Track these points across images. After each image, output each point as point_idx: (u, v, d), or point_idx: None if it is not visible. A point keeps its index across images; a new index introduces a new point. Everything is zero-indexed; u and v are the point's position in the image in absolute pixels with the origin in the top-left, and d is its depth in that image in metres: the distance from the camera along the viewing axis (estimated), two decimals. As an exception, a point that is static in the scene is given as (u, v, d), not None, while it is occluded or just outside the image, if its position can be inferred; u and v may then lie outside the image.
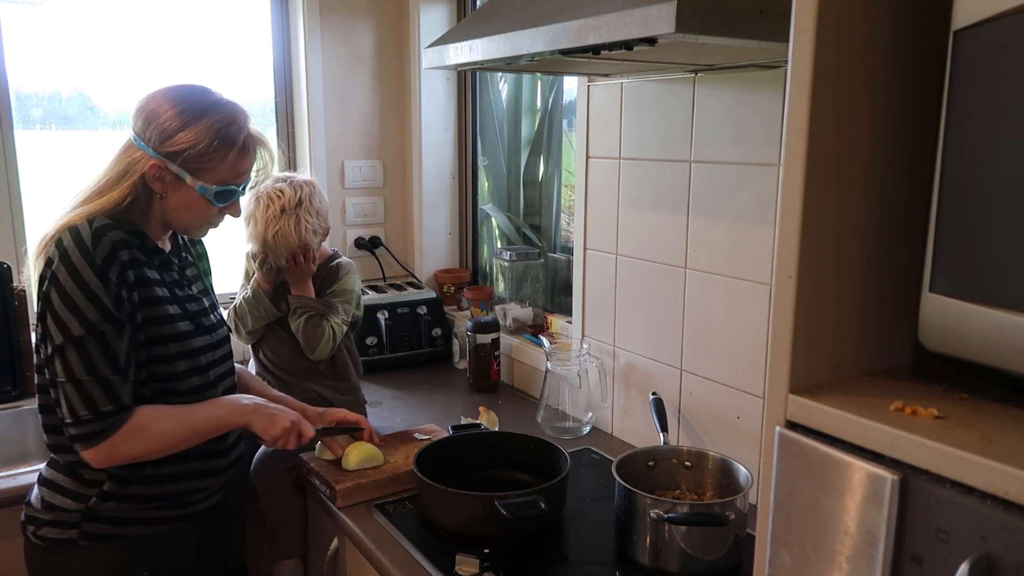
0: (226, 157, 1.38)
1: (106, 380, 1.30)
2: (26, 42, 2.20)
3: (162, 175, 1.36)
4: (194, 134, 1.35)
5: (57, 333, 1.29)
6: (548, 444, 1.61)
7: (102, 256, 1.30)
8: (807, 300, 0.76)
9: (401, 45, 2.67)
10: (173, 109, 1.35)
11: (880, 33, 0.75)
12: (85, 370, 1.29)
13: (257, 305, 1.90)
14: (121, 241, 1.33)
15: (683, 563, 1.30)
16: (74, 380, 1.29)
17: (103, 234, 1.32)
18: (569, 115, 2.36)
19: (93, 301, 1.29)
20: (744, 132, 1.52)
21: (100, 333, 1.29)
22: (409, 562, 1.37)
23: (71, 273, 1.29)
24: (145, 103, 1.37)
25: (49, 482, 1.41)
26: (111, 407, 1.30)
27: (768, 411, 0.78)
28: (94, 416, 1.29)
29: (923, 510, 0.65)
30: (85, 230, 1.31)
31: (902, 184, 0.80)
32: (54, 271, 1.29)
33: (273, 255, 1.84)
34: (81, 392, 1.29)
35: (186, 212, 1.41)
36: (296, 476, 1.74)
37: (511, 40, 1.29)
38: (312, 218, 1.83)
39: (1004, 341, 0.66)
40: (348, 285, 1.97)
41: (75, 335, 1.28)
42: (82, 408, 1.29)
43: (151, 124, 1.35)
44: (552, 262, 2.48)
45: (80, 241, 1.30)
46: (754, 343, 1.55)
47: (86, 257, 1.29)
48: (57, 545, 1.39)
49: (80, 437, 1.31)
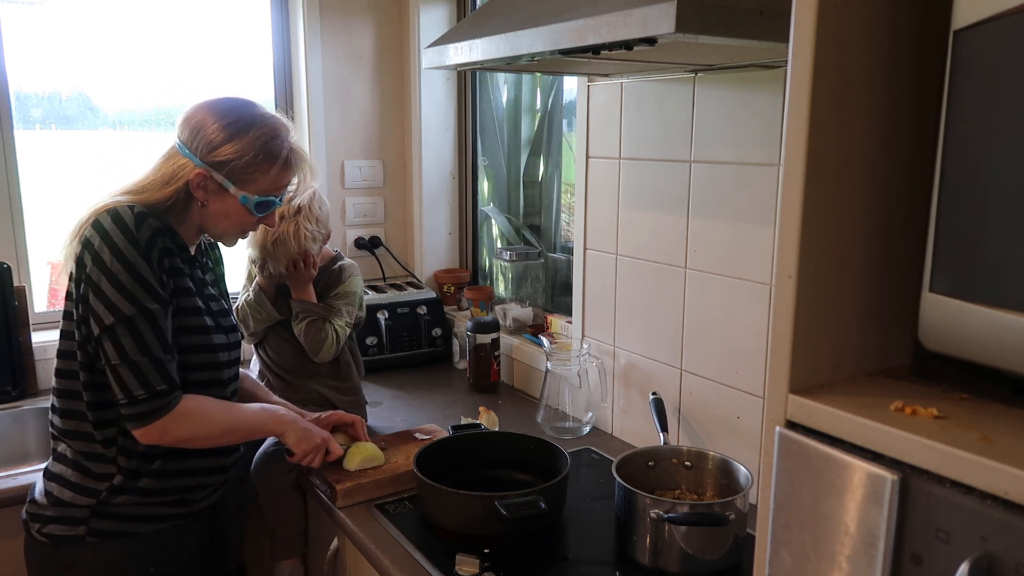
0: (270, 170, 1.43)
1: (159, 360, 1.32)
2: (26, 42, 2.20)
3: (206, 183, 1.40)
4: (240, 146, 1.39)
5: (107, 314, 1.29)
6: (548, 444, 1.61)
7: (144, 239, 1.33)
8: (807, 300, 0.76)
9: (401, 45, 2.67)
10: (220, 121, 1.39)
11: (880, 33, 0.75)
12: (139, 350, 1.31)
13: (259, 308, 1.91)
14: (160, 229, 1.37)
15: (683, 563, 1.30)
16: (128, 361, 1.30)
17: (144, 219, 1.34)
18: (569, 115, 2.36)
19: (140, 282, 1.31)
20: (744, 132, 1.52)
21: (150, 313, 1.32)
22: (409, 562, 1.37)
23: (115, 254, 1.30)
24: (192, 113, 1.41)
25: (57, 476, 1.41)
26: (166, 386, 1.33)
27: (768, 411, 0.78)
28: (151, 395, 1.32)
29: (923, 510, 0.65)
30: (127, 213, 1.33)
31: (902, 184, 0.80)
32: (96, 251, 1.30)
33: (273, 261, 1.84)
34: (136, 373, 1.31)
35: (225, 220, 1.45)
36: (296, 476, 1.73)
37: (511, 40, 1.29)
38: (311, 225, 1.83)
39: (1004, 341, 0.66)
40: (351, 287, 1.98)
41: (127, 315, 1.30)
42: (138, 388, 1.31)
43: (198, 134, 1.38)
44: (552, 262, 2.48)
45: (122, 222, 1.32)
46: (754, 343, 1.55)
47: (129, 238, 1.31)
48: (63, 542, 1.38)
49: (136, 416, 1.33)
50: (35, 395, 2.13)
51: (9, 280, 2.09)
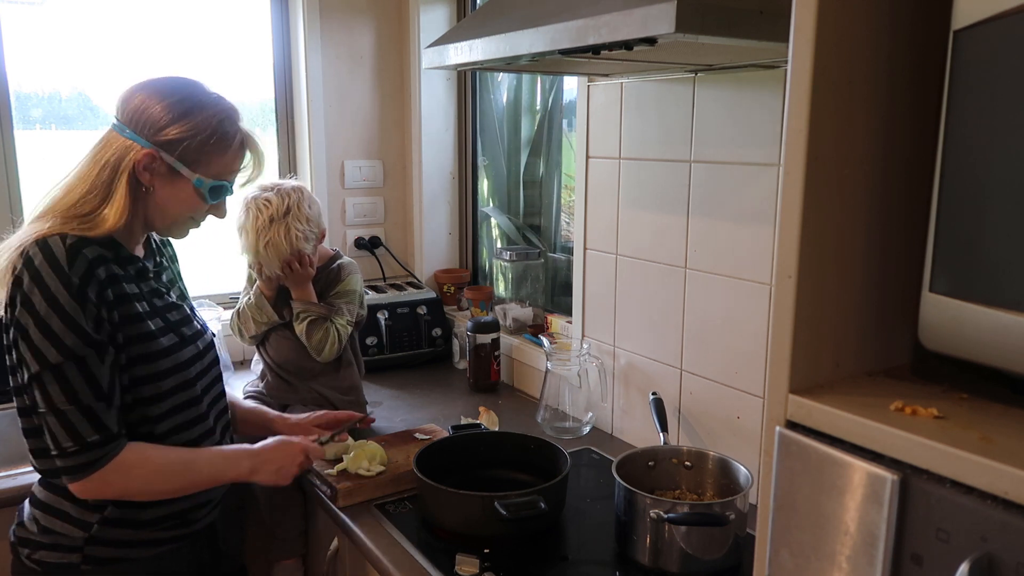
0: (226, 151, 1.35)
1: (89, 409, 1.23)
2: (26, 42, 2.20)
3: (154, 165, 1.30)
4: (192, 125, 1.30)
5: (32, 361, 1.20)
6: (548, 444, 1.61)
7: (79, 275, 1.21)
8: (807, 300, 0.76)
9: (401, 45, 2.67)
10: (168, 99, 1.30)
11: (880, 33, 0.75)
12: (66, 399, 1.21)
13: (259, 311, 1.92)
14: (98, 258, 1.25)
15: (683, 563, 1.30)
16: (55, 411, 1.21)
17: (78, 251, 1.23)
18: (569, 115, 2.36)
19: (70, 325, 1.20)
20: (744, 132, 1.52)
21: (80, 359, 1.21)
22: (409, 562, 1.37)
23: (45, 296, 1.19)
24: (133, 93, 1.31)
25: (46, 506, 1.33)
26: (98, 436, 1.23)
27: (768, 411, 0.78)
28: (80, 447, 1.22)
29: (923, 510, 0.65)
30: (58, 247, 1.21)
31: (902, 184, 0.80)
32: (25, 292, 1.20)
33: (267, 264, 1.84)
34: (64, 423, 1.22)
35: (174, 207, 1.34)
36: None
37: (511, 40, 1.29)
38: (302, 224, 1.82)
39: (1004, 341, 0.66)
40: (351, 286, 1.98)
41: (53, 363, 1.20)
42: (67, 440, 1.22)
43: (143, 114, 1.29)
44: (552, 262, 2.48)
45: (53, 258, 1.20)
46: (754, 343, 1.55)
47: (61, 278, 1.20)
48: (56, 570, 1.32)
49: (68, 470, 1.24)
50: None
51: (9, 280, 2.08)
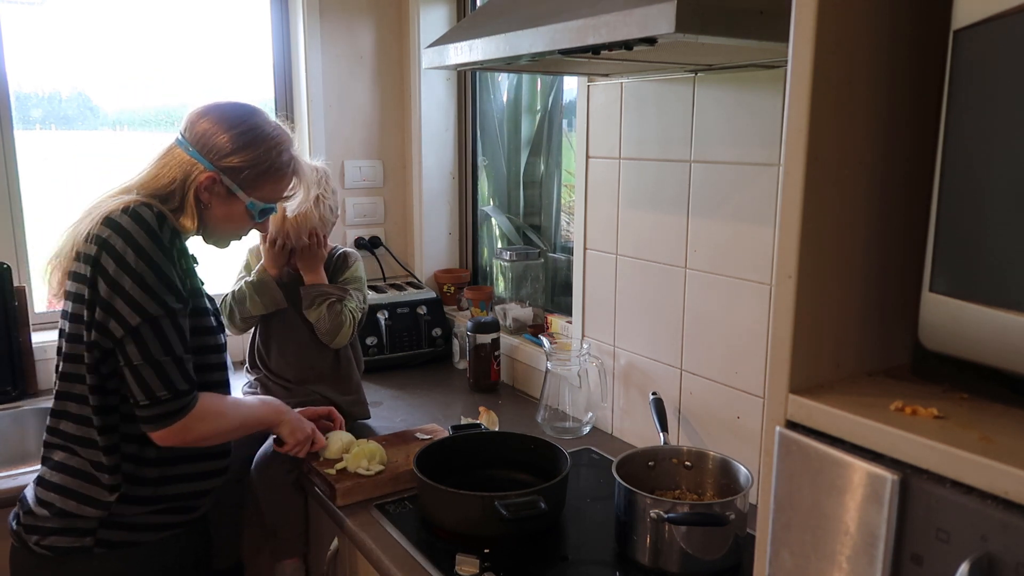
0: (280, 180, 1.49)
1: (180, 360, 1.33)
2: (26, 42, 2.20)
3: (214, 187, 1.42)
4: (252, 156, 1.42)
5: (132, 315, 1.29)
6: (548, 444, 1.61)
7: (167, 238, 1.34)
8: (807, 300, 0.76)
9: (401, 45, 2.67)
10: (233, 129, 1.42)
11: (880, 33, 0.75)
12: (163, 350, 1.31)
13: (262, 290, 1.89)
14: (177, 231, 1.38)
15: (683, 563, 1.30)
16: (152, 361, 1.30)
17: (164, 219, 1.35)
18: (569, 115, 2.36)
19: (165, 281, 1.31)
20: (744, 132, 1.52)
21: (174, 313, 1.32)
22: (409, 562, 1.37)
23: (139, 254, 1.30)
24: (201, 117, 1.42)
25: (58, 487, 1.36)
26: (187, 386, 1.34)
27: (768, 411, 0.78)
28: (173, 395, 1.32)
29: (923, 510, 0.65)
30: (147, 212, 1.33)
31: (902, 184, 0.80)
32: (119, 252, 1.29)
33: (293, 232, 1.85)
34: (160, 373, 1.31)
35: (226, 224, 1.48)
36: (296, 476, 1.74)
37: (511, 40, 1.29)
38: (330, 199, 1.89)
39: (1004, 341, 0.66)
40: (358, 272, 2.01)
41: (153, 315, 1.29)
42: (161, 389, 1.31)
43: (210, 139, 1.40)
44: (552, 262, 2.48)
45: (143, 222, 1.32)
46: (754, 343, 1.55)
47: (152, 237, 1.31)
48: (68, 553, 1.35)
49: (156, 417, 1.32)
50: (35, 395, 2.13)
51: (9, 280, 2.09)
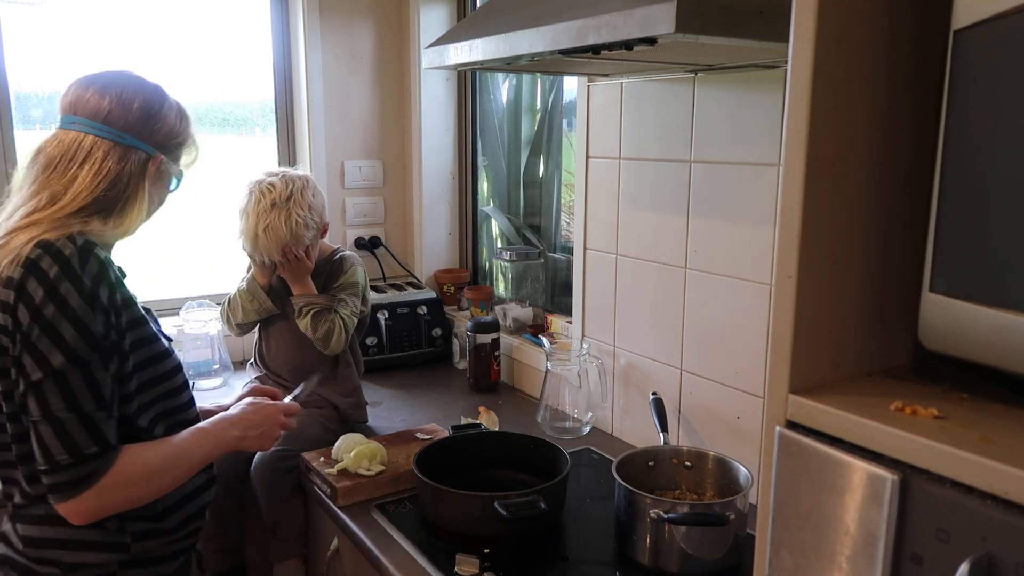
0: (191, 138, 1.32)
1: (89, 417, 1.11)
2: (26, 42, 2.20)
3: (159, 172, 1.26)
4: (171, 120, 1.26)
5: (35, 369, 1.09)
6: (548, 444, 1.61)
7: (91, 276, 1.13)
8: (807, 300, 0.76)
9: (401, 45, 2.67)
10: (144, 99, 1.23)
11: (880, 33, 0.75)
12: (65, 406, 1.10)
13: (251, 298, 1.90)
14: (108, 259, 1.18)
15: (683, 563, 1.30)
16: (52, 418, 1.09)
17: (90, 251, 1.14)
18: (569, 115, 2.36)
19: (79, 328, 1.10)
20: (744, 132, 1.52)
21: (84, 363, 1.11)
22: (409, 562, 1.37)
23: (53, 297, 1.10)
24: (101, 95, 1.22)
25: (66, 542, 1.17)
26: (96, 448, 1.12)
27: (768, 411, 0.78)
28: (77, 460, 1.10)
29: (923, 510, 0.65)
30: (68, 247, 1.13)
31: (902, 184, 0.80)
32: (30, 294, 1.10)
33: (264, 250, 1.82)
34: (59, 432, 1.09)
35: (152, 206, 1.28)
36: (296, 476, 1.74)
37: (511, 40, 1.29)
38: (303, 211, 1.82)
39: (1004, 341, 0.66)
40: (354, 277, 1.96)
41: (56, 369, 1.09)
42: (61, 452, 1.10)
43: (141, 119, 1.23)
44: (552, 262, 2.48)
45: (62, 259, 1.12)
46: (754, 343, 1.55)
47: (71, 279, 1.11)
48: None
49: (59, 487, 1.11)
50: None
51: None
